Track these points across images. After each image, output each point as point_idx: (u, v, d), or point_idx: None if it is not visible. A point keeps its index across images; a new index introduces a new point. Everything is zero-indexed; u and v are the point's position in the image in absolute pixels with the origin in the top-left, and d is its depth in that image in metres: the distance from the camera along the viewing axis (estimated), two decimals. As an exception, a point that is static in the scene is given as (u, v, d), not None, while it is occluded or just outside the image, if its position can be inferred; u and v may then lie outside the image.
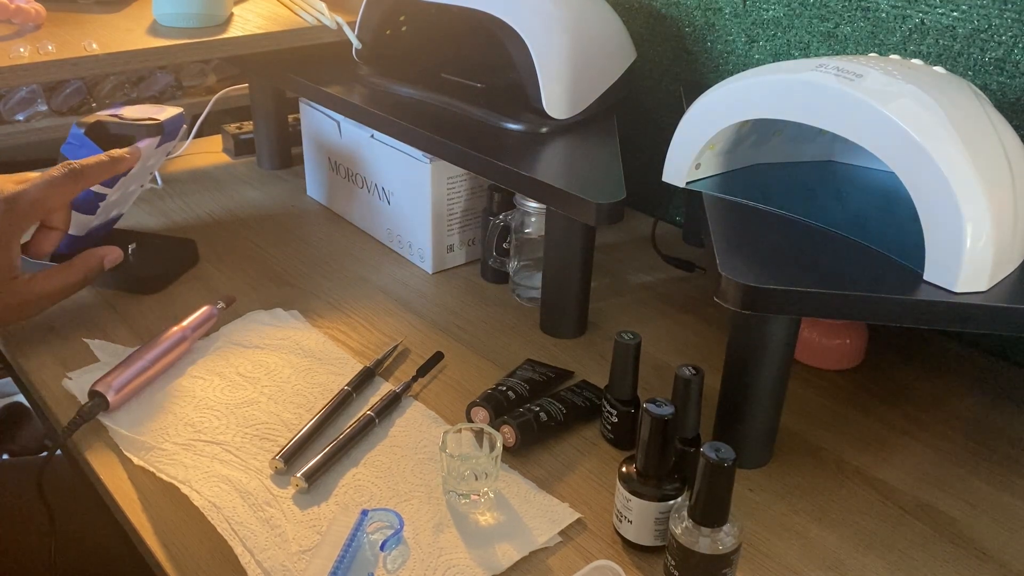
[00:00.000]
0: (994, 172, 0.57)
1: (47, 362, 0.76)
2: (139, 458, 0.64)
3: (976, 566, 0.59)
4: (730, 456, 0.51)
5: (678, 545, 0.54)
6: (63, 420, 0.68)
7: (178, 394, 0.71)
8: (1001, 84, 0.75)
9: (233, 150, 1.21)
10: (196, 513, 0.60)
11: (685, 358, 0.80)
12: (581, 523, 0.61)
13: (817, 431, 0.71)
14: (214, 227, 1.01)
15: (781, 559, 0.59)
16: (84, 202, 0.81)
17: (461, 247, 0.94)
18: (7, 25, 0.95)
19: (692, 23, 0.97)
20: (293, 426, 0.68)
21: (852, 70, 0.61)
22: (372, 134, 0.94)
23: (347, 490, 0.62)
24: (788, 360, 0.63)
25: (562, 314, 0.82)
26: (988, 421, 0.73)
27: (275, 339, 0.79)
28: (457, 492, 0.61)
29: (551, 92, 0.84)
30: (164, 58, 0.93)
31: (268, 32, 0.98)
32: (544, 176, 0.75)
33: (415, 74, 0.97)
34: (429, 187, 0.88)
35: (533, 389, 0.71)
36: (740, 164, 0.75)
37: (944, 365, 0.80)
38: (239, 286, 0.89)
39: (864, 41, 0.83)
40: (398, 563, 0.56)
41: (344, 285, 0.90)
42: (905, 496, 0.65)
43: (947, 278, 0.58)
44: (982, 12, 0.74)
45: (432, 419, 0.70)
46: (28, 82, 0.88)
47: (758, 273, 0.58)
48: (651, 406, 0.56)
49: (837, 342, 0.78)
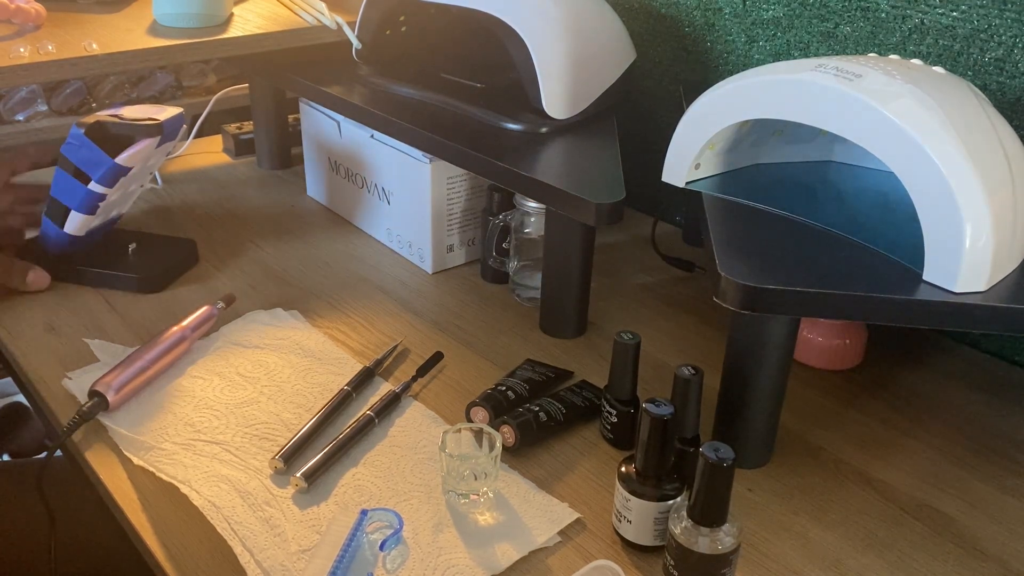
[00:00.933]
0: (994, 172, 0.57)
1: (47, 362, 0.76)
2: (139, 458, 0.64)
3: (976, 566, 0.59)
4: (729, 456, 0.51)
5: (677, 545, 0.54)
6: (63, 420, 0.69)
7: (178, 394, 0.71)
8: (1001, 84, 0.75)
9: (233, 150, 1.21)
10: (196, 513, 0.60)
11: (685, 358, 0.80)
12: (580, 523, 0.61)
13: (817, 431, 0.71)
14: (214, 227, 1.01)
15: (780, 559, 0.59)
16: (85, 202, 0.81)
17: (461, 247, 0.94)
18: (7, 25, 0.95)
19: (692, 23, 0.97)
20: (293, 426, 0.68)
21: (852, 70, 0.61)
22: (372, 134, 0.94)
23: (347, 490, 0.62)
24: (788, 360, 0.63)
25: (562, 314, 0.82)
26: (988, 421, 0.73)
27: (275, 339, 0.79)
28: (457, 492, 0.61)
29: (551, 92, 0.84)
30: (164, 58, 0.93)
31: (268, 32, 0.98)
32: (544, 176, 0.75)
33: (415, 74, 0.97)
34: (429, 187, 0.89)
35: (533, 389, 0.71)
36: (740, 164, 0.75)
37: (944, 365, 0.80)
38: (239, 286, 0.89)
39: (864, 41, 0.83)
40: (397, 563, 0.57)
41: (344, 285, 0.90)
42: (905, 496, 0.65)
43: (946, 278, 0.58)
44: (982, 12, 0.74)
45: (432, 419, 0.70)
46: (28, 82, 0.88)
47: (758, 273, 0.58)
48: (650, 406, 0.56)
49: (837, 342, 0.78)
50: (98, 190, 0.81)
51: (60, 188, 0.82)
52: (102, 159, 0.80)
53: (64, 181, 0.81)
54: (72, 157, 0.80)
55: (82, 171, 0.80)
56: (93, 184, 0.81)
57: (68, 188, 0.81)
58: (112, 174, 0.81)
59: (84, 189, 0.81)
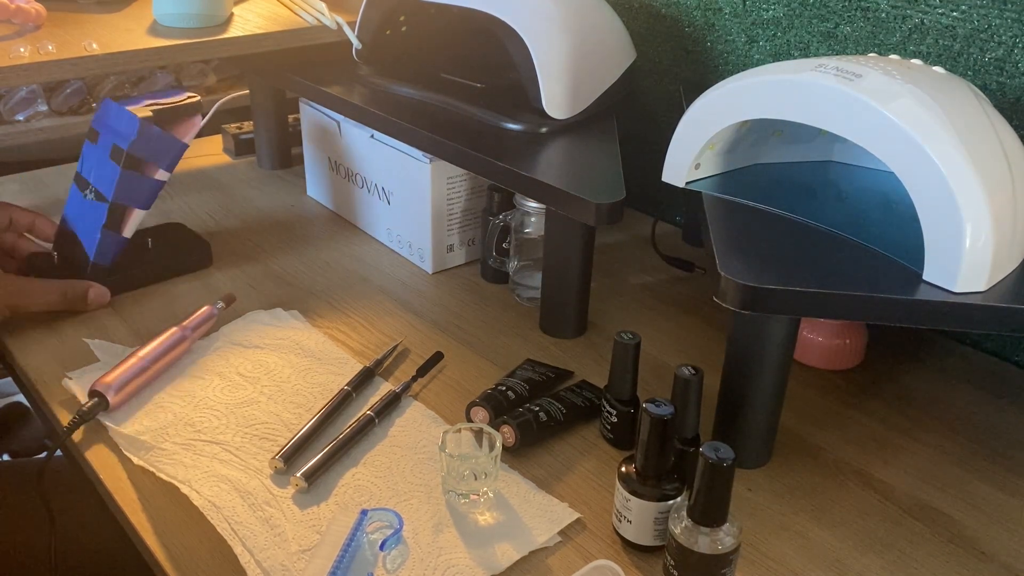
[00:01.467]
0: (994, 172, 0.57)
1: (47, 362, 0.76)
2: (139, 458, 0.64)
3: (976, 566, 0.59)
4: (729, 456, 0.51)
5: (677, 545, 0.54)
6: (63, 420, 0.69)
7: (178, 394, 0.71)
8: (1001, 84, 0.75)
9: (233, 150, 1.21)
10: (196, 513, 0.60)
11: (685, 358, 0.80)
12: (580, 523, 0.61)
13: (817, 431, 0.71)
14: (214, 227, 1.01)
15: (780, 559, 0.59)
16: (151, 194, 0.83)
17: (461, 247, 0.94)
18: (7, 25, 0.95)
19: (692, 23, 0.97)
20: (293, 426, 0.68)
21: (852, 70, 0.61)
22: (372, 134, 0.94)
23: (347, 490, 0.62)
24: (788, 360, 0.63)
25: (562, 314, 0.82)
26: (988, 421, 0.73)
27: (275, 339, 0.79)
28: (457, 492, 0.61)
29: (551, 92, 0.84)
30: (164, 58, 0.93)
31: (268, 32, 0.98)
32: (544, 176, 0.75)
33: (415, 74, 0.97)
34: (429, 187, 0.89)
35: (533, 389, 0.71)
36: (740, 164, 0.75)
37: (944, 365, 0.80)
38: (239, 286, 0.89)
39: (864, 41, 0.83)
40: (397, 563, 0.57)
41: (344, 285, 0.90)
42: (905, 496, 0.65)
43: (946, 278, 0.58)
44: (982, 12, 0.74)
45: (432, 419, 0.70)
46: (28, 82, 0.88)
47: (758, 273, 0.58)
48: (650, 406, 0.56)
49: (837, 342, 0.78)
50: (164, 178, 0.82)
51: (124, 190, 0.81)
52: (173, 144, 0.81)
53: (130, 180, 0.81)
54: (142, 151, 0.80)
55: (150, 163, 0.81)
56: (160, 172, 0.82)
57: (134, 186, 0.81)
58: (178, 157, 0.82)
59: (151, 181, 0.82)
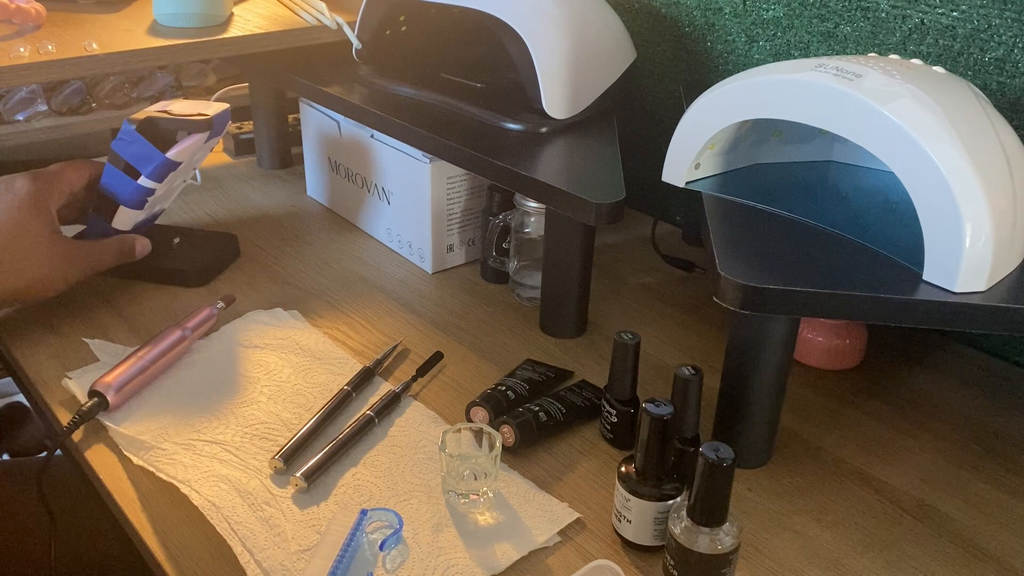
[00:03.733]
0: (994, 172, 0.57)
1: (47, 362, 0.76)
2: (139, 458, 0.64)
3: (976, 566, 0.59)
4: (729, 456, 0.51)
5: (677, 545, 0.54)
6: (63, 420, 0.69)
7: (178, 394, 0.71)
8: (1001, 84, 0.75)
9: (233, 150, 1.21)
10: (196, 513, 0.60)
11: (685, 358, 0.80)
12: (580, 523, 0.61)
13: (817, 431, 0.71)
14: (214, 227, 1.01)
15: (780, 559, 0.59)
16: (134, 197, 0.82)
17: (461, 247, 0.94)
18: (7, 25, 0.95)
19: (692, 23, 0.97)
20: (293, 426, 0.68)
21: (852, 70, 0.61)
22: (372, 134, 0.94)
23: (346, 490, 0.62)
24: (788, 360, 0.63)
25: (562, 314, 0.82)
26: (988, 421, 0.73)
27: (275, 339, 0.79)
28: (456, 492, 0.61)
29: (551, 92, 0.84)
30: (164, 58, 0.93)
31: (268, 32, 0.98)
32: (544, 176, 0.75)
33: (415, 74, 0.97)
34: (429, 187, 0.89)
35: (533, 389, 0.71)
36: (740, 164, 0.75)
37: (944, 365, 0.80)
38: (239, 286, 0.89)
39: (864, 41, 0.83)
40: (397, 563, 0.57)
41: (344, 285, 0.90)
42: (905, 496, 0.65)
43: (946, 278, 0.58)
44: (982, 12, 0.74)
45: (431, 419, 0.70)
46: (28, 82, 0.88)
47: (758, 273, 0.58)
48: (650, 406, 0.56)
49: (837, 342, 0.78)
50: (148, 185, 0.82)
51: (110, 183, 0.82)
52: (153, 154, 0.81)
53: (114, 176, 0.82)
54: (123, 152, 0.81)
55: (132, 166, 0.81)
56: (143, 179, 0.81)
57: (118, 183, 0.82)
58: (162, 169, 0.81)
59: (134, 184, 0.81)
